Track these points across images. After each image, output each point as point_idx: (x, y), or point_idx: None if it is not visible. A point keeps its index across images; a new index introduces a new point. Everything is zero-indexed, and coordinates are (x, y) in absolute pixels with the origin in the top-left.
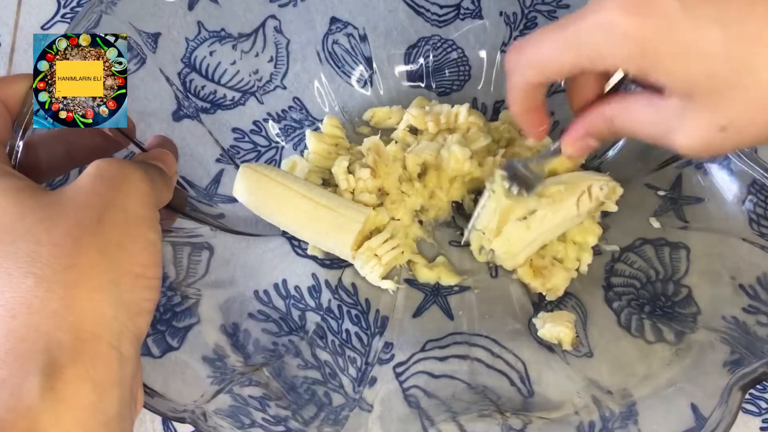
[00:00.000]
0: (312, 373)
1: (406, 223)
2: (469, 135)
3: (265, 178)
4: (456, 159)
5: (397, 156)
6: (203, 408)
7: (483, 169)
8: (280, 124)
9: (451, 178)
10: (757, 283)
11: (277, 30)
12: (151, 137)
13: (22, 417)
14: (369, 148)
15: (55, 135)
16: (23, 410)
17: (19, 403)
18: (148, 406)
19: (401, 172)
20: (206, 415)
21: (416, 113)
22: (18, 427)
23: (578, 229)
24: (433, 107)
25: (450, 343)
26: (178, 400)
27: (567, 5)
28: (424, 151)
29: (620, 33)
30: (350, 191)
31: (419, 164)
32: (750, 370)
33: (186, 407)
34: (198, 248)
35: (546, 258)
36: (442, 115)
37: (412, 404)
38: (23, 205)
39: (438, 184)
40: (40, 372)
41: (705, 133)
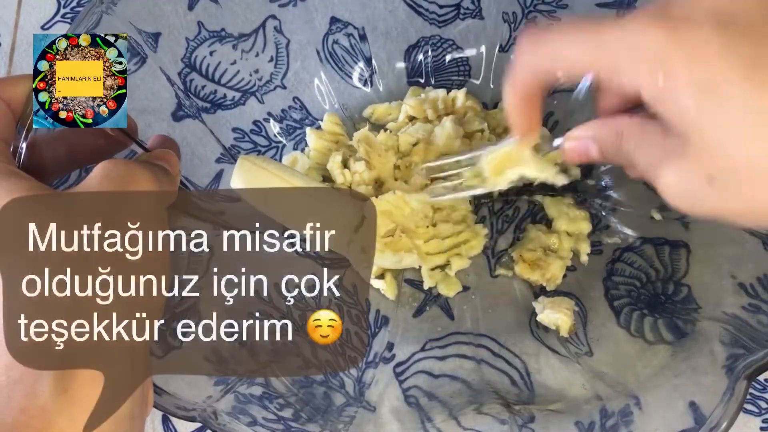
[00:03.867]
0: (313, 372)
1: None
2: (466, 119)
3: (263, 171)
4: (448, 135)
5: (388, 144)
6: (213, 406)
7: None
8: (280, 124)
9: (440, 154)
10: (758, 283)
11: (277, 30)
12: (154, 137)
13: (35, 418)
14: (359, 140)
15: (58, 136)
16: (37, 411)
17: (32, 404)
18: (158, 405)
19: (395, 160)
20: (216, 414)
21: (413, 102)
22: (32, 427)
23: (565, 219)
24: (428, 94)
25: (450, 342)
26: (187, 398)
27: (566, 5)
28: (418, 132)
29: (647, 52)
30: (347, 185)
31: (412, 143)
32: (757, 358)
33: (195, 405)
34: (198, 247)
35: (537, 251)
36: (439, 100)
37: (411, 404)
38: None
39: (424, 158)
40: (52, 373)
41: (688, 181)
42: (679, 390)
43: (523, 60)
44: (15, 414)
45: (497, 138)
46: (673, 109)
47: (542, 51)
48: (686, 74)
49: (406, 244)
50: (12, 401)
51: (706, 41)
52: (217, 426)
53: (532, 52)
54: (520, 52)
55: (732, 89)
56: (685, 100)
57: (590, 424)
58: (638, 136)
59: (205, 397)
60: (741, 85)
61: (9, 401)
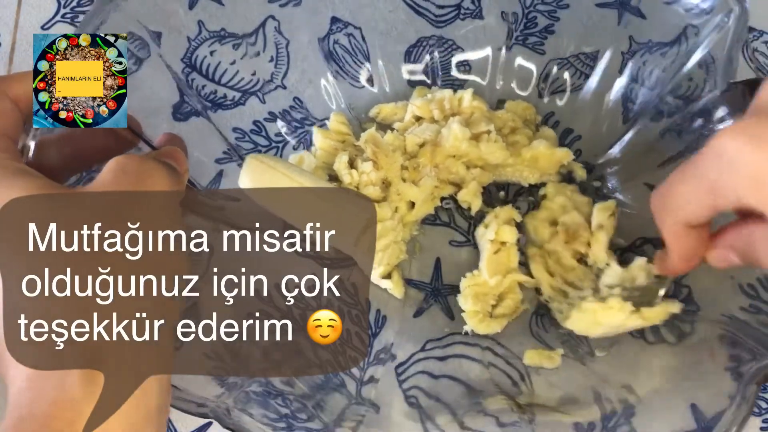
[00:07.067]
0: (314, 371)
1: (403, 212)
2: (472, 119)
3: (271, 169)
4: (455, 137)
5: (395, 145)
6: (226, 403)
7: (480, 150)
8: (280, 124)
9: (448, 156)
10: (758, 283)
11: (278, 30)
12: (161, 135)
13: (66, 409)
14: (366, 141)
15: (65, 135)
16: (67, 402)
17: (62, 396)
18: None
19: (402, 161)
20: (229, 410)
21: (420, 103)
22: (63, 419)
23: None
24: (435, 94)
25: (450, 342)
26: (200, 394)
27: (567, 5)
28: (425, 132)
29: (736, 163)
30: (354, 186)
31: (419, 144)
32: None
33: (207, 402)
34: (198, 247)
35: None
36: (446, 100)
37: (412, 404)
38: None
39: (432, 160)
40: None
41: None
42: (679, 391)
43: (664, 229)
44: (46, 406)
45: (503, 138)
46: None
47: (667, 209)
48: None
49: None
50: (43, 394)
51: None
52: (230, 422)
53: (663, 218)
54: (657, 221)
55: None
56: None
57: (590, 425)
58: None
59: (215, 395)
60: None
61: (40, 394)
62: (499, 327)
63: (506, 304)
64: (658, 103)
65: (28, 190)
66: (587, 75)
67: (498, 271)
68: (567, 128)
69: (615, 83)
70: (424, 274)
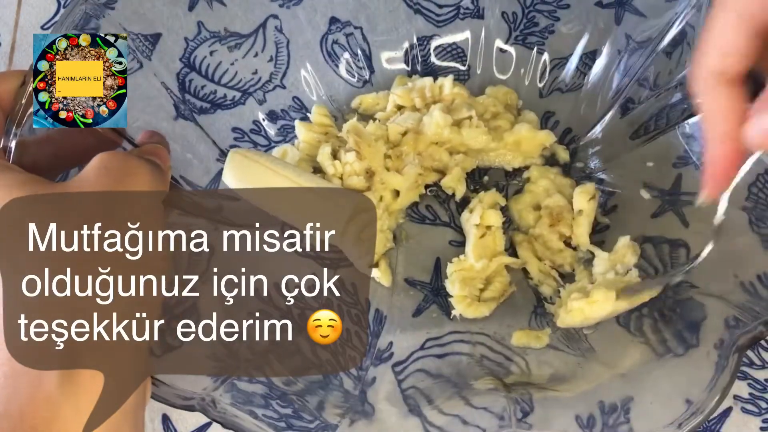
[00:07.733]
0: (313, 371)
1: (388, 201)
2: (453, 106)
3: (255, 164)
4: (437, 124)
5: (378, 134)
6: (212, 395)
7: (462, 136)
8: (279, 123)
9: (430, 143)
10: (758, 281)
11: (278, 30)
12: (142, 133)
13: (41, 407)
14: (348, 131)
15: (46, 136)
16: (43, 400)
17: (38, 394)
18: (155, 396)
19: (385, 150)
20: (215, 402)
21: (400, 92)
22: (38, 416)
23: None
24: (415, 82)
25: (450, 341)
26: (187, 388)
27: (567, 5)
28: (407, 121)
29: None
30: (339, 177)
31: (401, 133)
32: (749, 329)
33: (194, 394)
34: (198, 247)
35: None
36: (427, 88)
37: (410, 404)
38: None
39: (415, 148)
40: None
41: None
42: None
43: (696, 74)
44: (22, 404)
45: (485, 123)
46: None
47: (708, 58)
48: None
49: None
50: (18, 391)
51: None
52: (216, 414)
53: (699, 65)
54: (692, 81)
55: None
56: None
57: (589, 417)
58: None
59: (202, 388)
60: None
61: (15, 391)
62: (487, 310)
63: (494, 287)
64: (638, 81)
65: (12, 185)
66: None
67: (484, 254)
68: (564, 127)
69: (594, 65)
70: (425, 274)
